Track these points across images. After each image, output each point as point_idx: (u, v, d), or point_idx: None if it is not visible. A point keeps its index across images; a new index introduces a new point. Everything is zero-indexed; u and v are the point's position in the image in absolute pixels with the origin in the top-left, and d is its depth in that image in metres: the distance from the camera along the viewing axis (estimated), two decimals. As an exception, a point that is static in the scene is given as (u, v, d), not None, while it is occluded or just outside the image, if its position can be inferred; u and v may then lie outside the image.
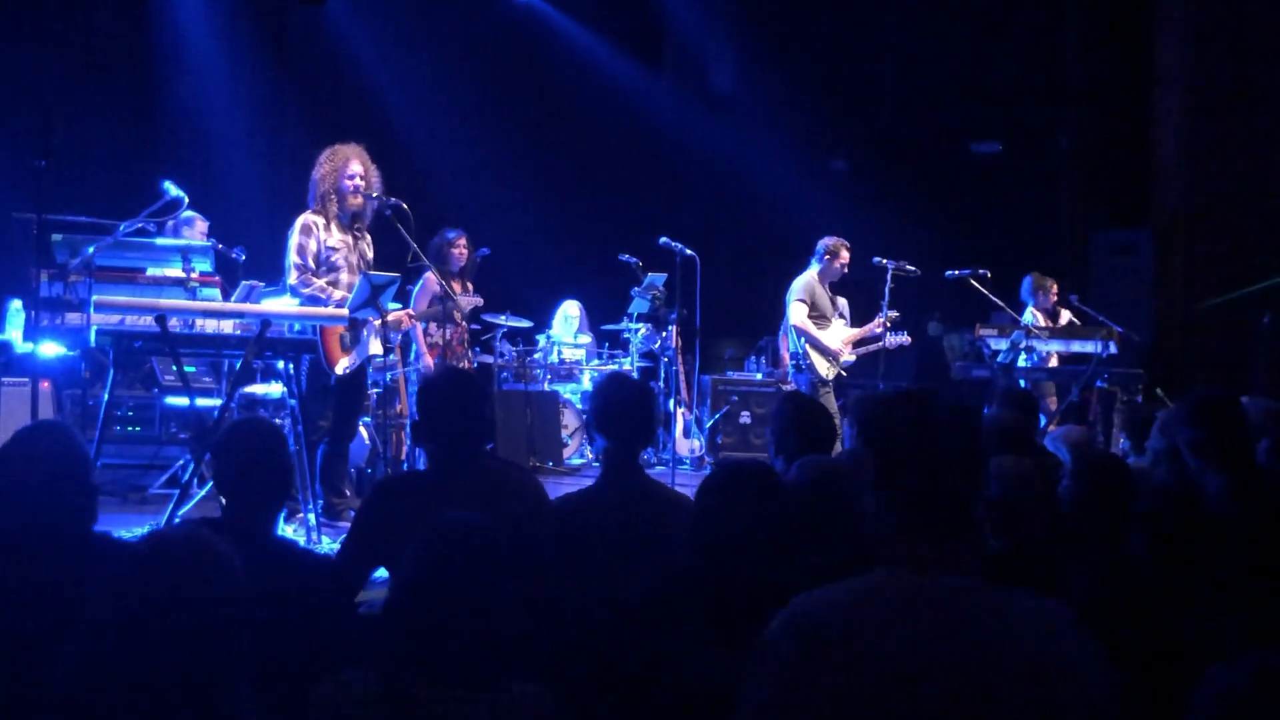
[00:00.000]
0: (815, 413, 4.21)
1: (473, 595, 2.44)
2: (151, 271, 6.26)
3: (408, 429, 7.91)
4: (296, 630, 3.01)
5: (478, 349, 10.89)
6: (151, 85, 10.72)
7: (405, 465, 7.71)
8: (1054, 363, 9.38)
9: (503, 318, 10.62)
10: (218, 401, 6.73)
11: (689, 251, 8.84)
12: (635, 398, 4.04)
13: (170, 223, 7.65)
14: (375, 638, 2.76)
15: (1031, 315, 9.93)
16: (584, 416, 9.93)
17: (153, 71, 10.73)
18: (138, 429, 8.35)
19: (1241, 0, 11.42)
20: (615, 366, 10.61)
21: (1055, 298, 10.05)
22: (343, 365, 6.41)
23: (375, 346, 6.50)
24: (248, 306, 6.59)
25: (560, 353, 10.95)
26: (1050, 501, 3.93)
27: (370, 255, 6.81)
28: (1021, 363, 9.04)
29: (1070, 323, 9.86)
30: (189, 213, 7.90)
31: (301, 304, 6.46)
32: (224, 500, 3.39)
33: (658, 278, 9.84)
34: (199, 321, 6.02)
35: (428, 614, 2.44)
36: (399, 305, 7.10)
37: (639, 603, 3.17)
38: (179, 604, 2.21)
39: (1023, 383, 9.16)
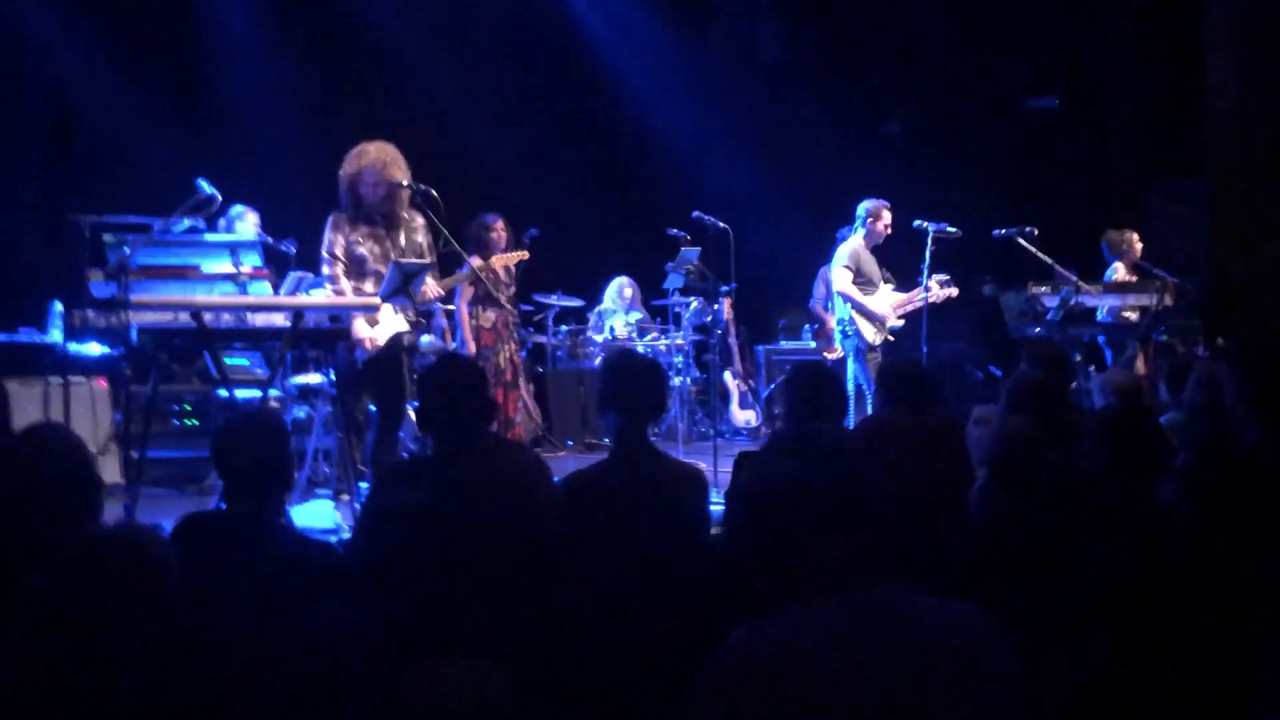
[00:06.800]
0: (823, 382, 4.19)
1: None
2: (205, 268, 6.38)
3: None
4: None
5: (531, 328, 10.97)
6: (198, 80, 10.88)
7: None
8: (1135, 316, 9.22)
9: (554, 297, 10.69)
10: (273, 393, 6.82)
11: (721, 225, 8.58)
12: (642, 372, 4.07)
13: (222, 220, 7.79)
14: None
15: (1113, 271, 9.80)
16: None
17: (199, 66, 10.89)
18: (196, 423, 8.53)
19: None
20: (666, 343, 10.59)
21: (1139, 249, 9.89)
22: (366, 336, 6.38)
23: (399, 323, 6.48)
24: (283, 299, 6.68)
25: (613, 330, 10.97)
26: (1062, 461, 3.86)
27: (420, 239, 6.71)
28: (1101, 317, 8.92)
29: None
30: (239, 207, 8.05)
31: (333, 296, 6.53)
32: (227, 490, 3.46)
33: (691, 252, 9.67)
34: (250, 315, 6.09)
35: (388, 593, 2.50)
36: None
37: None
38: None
39: (1101, 339, 9.07)
